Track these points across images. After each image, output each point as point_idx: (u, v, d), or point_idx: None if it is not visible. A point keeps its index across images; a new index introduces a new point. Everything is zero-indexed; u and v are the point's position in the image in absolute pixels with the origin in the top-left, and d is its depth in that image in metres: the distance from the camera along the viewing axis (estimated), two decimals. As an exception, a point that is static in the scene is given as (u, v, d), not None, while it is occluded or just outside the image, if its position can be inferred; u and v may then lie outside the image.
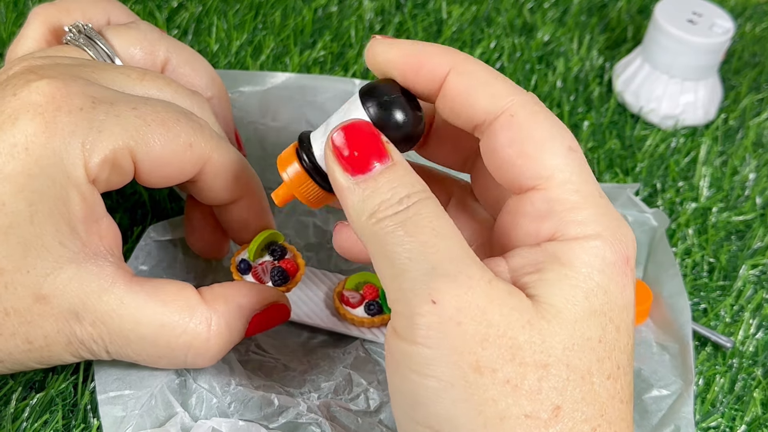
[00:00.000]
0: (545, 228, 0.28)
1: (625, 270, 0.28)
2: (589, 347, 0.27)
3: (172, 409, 0.35)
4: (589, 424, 0.26)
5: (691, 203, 0.50)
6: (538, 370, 0.26)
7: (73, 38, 0.37)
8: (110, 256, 0.33)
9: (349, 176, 0.29)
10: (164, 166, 0.34)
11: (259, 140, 0.48)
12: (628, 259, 0.28)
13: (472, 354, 0.26)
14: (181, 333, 0.33)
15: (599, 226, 0.28)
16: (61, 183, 0.31)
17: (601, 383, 0.27)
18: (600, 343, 0.27)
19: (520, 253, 0.28)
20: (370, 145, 0.29)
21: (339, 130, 0.29)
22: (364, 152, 0.29)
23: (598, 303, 0.27)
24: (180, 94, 0.36)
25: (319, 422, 0.36)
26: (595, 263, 0.27)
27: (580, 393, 0.26)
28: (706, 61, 0.53)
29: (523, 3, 0.64)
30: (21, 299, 0.32)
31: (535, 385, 0.26)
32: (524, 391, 0.26)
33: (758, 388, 0.41)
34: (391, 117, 0.30)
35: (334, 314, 0.40)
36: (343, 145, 0.29)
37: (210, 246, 0.40)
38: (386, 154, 0.29)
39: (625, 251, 0.28)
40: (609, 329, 0.27)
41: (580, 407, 0.26)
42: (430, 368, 0.26)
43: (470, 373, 0.26)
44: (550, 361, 0.26)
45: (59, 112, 0.32)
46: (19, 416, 0.35)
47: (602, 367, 0.27)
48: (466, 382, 0.26)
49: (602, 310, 0.27)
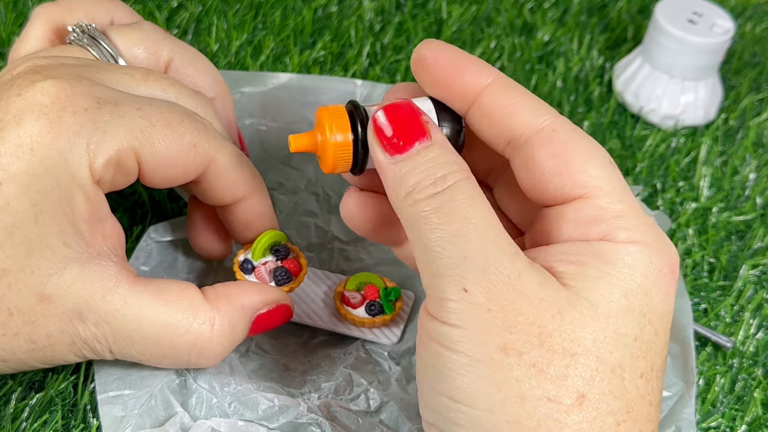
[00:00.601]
0: (593, 233, 0.29)
1: (669, 279, 0.29)
2: (623, 343, 0.27)
3: (171, 409, 0.35)
4: (614, 417, 0.27)
5: (691, 203, 0.50)
6: (565, 357, 0.26)
7: (77, 38, 0.37)
8: (114, 256, 0.33)
9: (388, 155, 0.29)
10: (168, 166, 0.34)
11: (260, 141, 0.48)
12: (672, 269, 0.29)
13: (500, 337, 0.26)
14: (185, 333, 0.33)
15: (646, 235, 0.29)
16: (66, 183, 0.32)
17: (632, 380, 0.27)
18: (636, 341, 0.27)
19: (565, 244, 0.29)
20: (410, 124, 0.29)
21: (381, 109, 0.30)
22: (404, 131, 0.29)
23: (638, 303, 0.28)
24: (183, 94, 0.36)
25: (319, 422, 0.36)
26: (639, 266, 0.28)
27: (608, 385, 0.27)
28: (707, 61, 0.53)
29: (523, 3, 0.64)
30: (25, 299, 0.32)
31: (561, 371, 0.26)
32: (549, 375, 0.26)
33: (758, 388, 0.41)
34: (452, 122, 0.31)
35: (334, 314, 0.40)
36: (385, 124, 0.30)
37: (213, 246, 0.40)
38: (426, 134, 0.29)
39: (671, 261, 0.29)
40: (647, 330, 0.28)
41: (606, 399, 0.27)
42: (459, 344, 0.27)
43: (496, 353, 0.26)
44: (578, 351, 0.27)
45: (64, 112, 0.32)
46: (19, 416, 0.35)
47: (635, 365, 0.27)
48: (491, 360, 0.26)
49: (641, 311, 0.28)
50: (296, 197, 0.46)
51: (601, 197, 0.29)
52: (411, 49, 0.58)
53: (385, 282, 0.41)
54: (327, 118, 0.31)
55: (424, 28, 0.60)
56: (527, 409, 0.26)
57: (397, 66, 0.56)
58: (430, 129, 0.30)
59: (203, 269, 0.42)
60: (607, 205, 0.29)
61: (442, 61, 0.31)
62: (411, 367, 0.39)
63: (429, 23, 0.61)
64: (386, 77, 0.56)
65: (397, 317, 0.41)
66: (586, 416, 0.26)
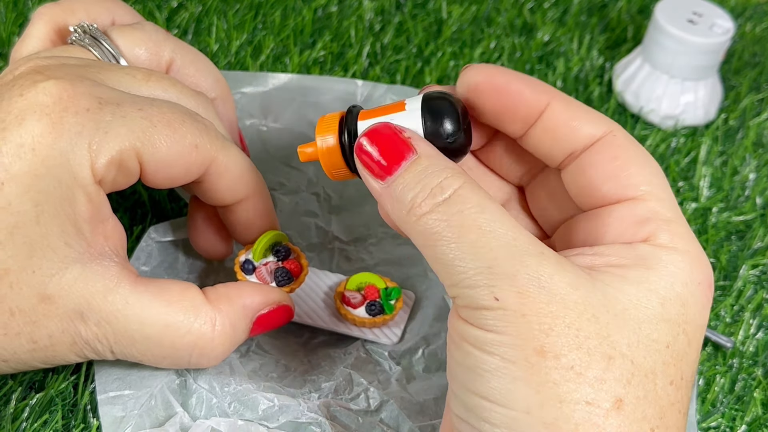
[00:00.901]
0: (642, 231, 0.29)
1: (707, 293, 0.29)
2: (655, 349, 0.27)
3: (171, 409, 0.35)
4: (648, 423, 0.26)
5: (691, 203, 0.50)
6: (603, 360, 0.26)
7: (78, 38, 0.37)
8: (115, 256, 0.33)
9: (380, 180, 0.29)
10: (170, 167, 0.34)
11: (261, 141, 0.48)
12: (710, 283, 0.29)
13: (537, 340, 0.26)
14: (186, 333, 0.34)
15: (690, 246, 0.29)
16: (68, 183, 0.32)
17: (663, 387, 0.27)
18: (668, 349, 0.27)
19: (608, 247, 0.29)
20: (393, 144, 0.29)
21: (363, 137, 0.30)
22: (388, 153, 0.29)
23: (674, 312, 0.28)
24: (185, 94, 0.36)
25: (319, 422, 0.36)
26: (679, 276, 0.28)
27: (642, 391, 0.27)
28: (706, 61, 0.53)
29: (523, 3, 0.64)
30: (26, 299, 0.32)
31: (599, 374, 0.26)
32: (588, 378, 0.26)
33: (758, 388, 0.41)
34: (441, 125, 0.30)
35: (335, 314, 0.40)
36: (370, 150, 0.29)
37: (214, 246, 0.40)
38: (410, 149, 0.29)
39: (709, 275, 0.29)
40: (680, 339, 0.28)
41: (641, 405, 0.26)
42: (494, 347, 0.26)
43: (533, 356, 0.26)
44: (614, 354, 0.26)
45: (66, 112, 0.32)
46: (19, 416, 0.35)
47: (666, 371, 0.27)
48: (528, 363, 0.26)
49: (677, 321, 0.28)
50: (297, 197, 0.46)
51: (654, 201, 0.29)
52: (411, 49, 0.58)
53: (386, 282, 0.41)
54: (319, 126, 0.32)
55: (424, 28, 0.60)
56: (565, 412, 0.26)
57: (397, 66, 0.56)
58: (414, 143, 0.29)
59: (204, 269, 0.42)
60: (659, 209, 0.29)
61: (500, 86, 0.30)
62: (411, 367, 0.39)
63: (429, 23, 0.61)
64: (386, 77, 0.56)
65: (398, 317, 0.41)
66: (623, 421, 0.26)
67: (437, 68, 0.56)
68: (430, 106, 0.30)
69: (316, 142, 0.32)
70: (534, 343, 0.26)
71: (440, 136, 0.30)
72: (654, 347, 0.27)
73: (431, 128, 0.30)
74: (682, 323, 0.28)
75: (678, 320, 0.28)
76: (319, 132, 0.32)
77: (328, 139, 0.31)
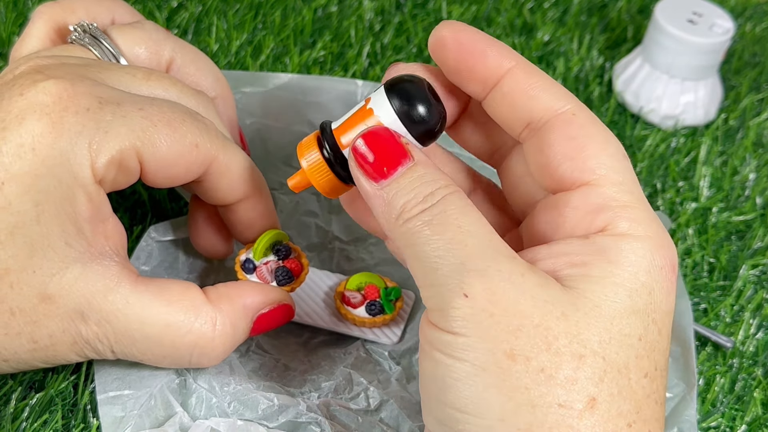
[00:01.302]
0: (598, 221, 0.28)
1: (671, 277, 0.28)
2: (628, 343, 0.27)
3: (171, 409, 0.35)
4: (624, 419, 0.26)
5: (691, 203, 0.50)
6: (573, 360, 0.26)
7: (78, 38, 0.37)
8: (116, 256, 0.33)
9: (373, 183, 0.29)
10: (170, 166, 0.34)
11: (261, 141, 0.48)
12: (673, 266, 0.29)
13: (506, 342, 0.26)
14: (186, 332, 0.34)
15: (649, 230, 0.28)
16: (68, 183, 0.32)
17: (637, 380, 0.27)
18: (640, 341, 0.27)
19: (566, 243, 0.29)
20: (391, 148, 0.29)
21: (360, 138, 0.30)
22: (384, 157, 0.29)
23: (642, 303, 0.27)
24: (185, 93, 0.36)
25: (318, 421, 0.36)
26: (642, 264, 0.28)
27: (616, 387, 0.26)
28: (706, 61, 0.53)
29: (523, 3, 0.64)
30: (27, 299, 0.32)
31: (570, 375, 0.26)
32: (559, 380, 0.26)
33: (758, 388, 0.41)
34: (414, 111, 0.30)
35: (335, 314, 0.40)
36: (365, 152, 0.29)
37: (214, 246, 0.40)
38: (407, 155, 0.29)
39: (672, 258, 0.29)
40: (651, 329, 0.28)
41: (616, 401, 0.26)
42: (464, 353, 0.26)
43: (504, 360, 0.26)
44: (585, 353, 0.26)
45: (66, 112, 0.32)
46: (19, 416, 0.35)
47: (640, 365, 0.27)
48: (499, 368, 0.26)
49: (645, 311, 0.27)
50: (297, 197, 0.46)
51: (609, 186, 0.29)
52: (411, 49, 0.58)
53: (386, 282, 0.41)
54: (299, 151, 0.32)
55: (424, 28, 0.60)
56: (539, 416, 0.26)
57: (397, 66, 0.56)
58: (411, 150, 0.29)
59: (204, 269, 0.42)
60: (615, 195, 0.29)
61: (464, 43, 0.30)
62: (411, 367, 0.39)
63: (429, 23, 0.61)
64: (386, 77, 0.56)
65: (398, 317, 0.41)
66: (598, 420, 0.26)
67: (437, 68, 0.56)
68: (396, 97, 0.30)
69: (302, 166, 0.32)
70: (503, 346, 0.26)
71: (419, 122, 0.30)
72: (626, 342, 0.27)
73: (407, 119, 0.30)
74: (651, 312, 0.28)
75: (646, 310, 0.27)
76: (301, 155, 0.32)
77: (311, 157, 0.32)
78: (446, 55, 0.31)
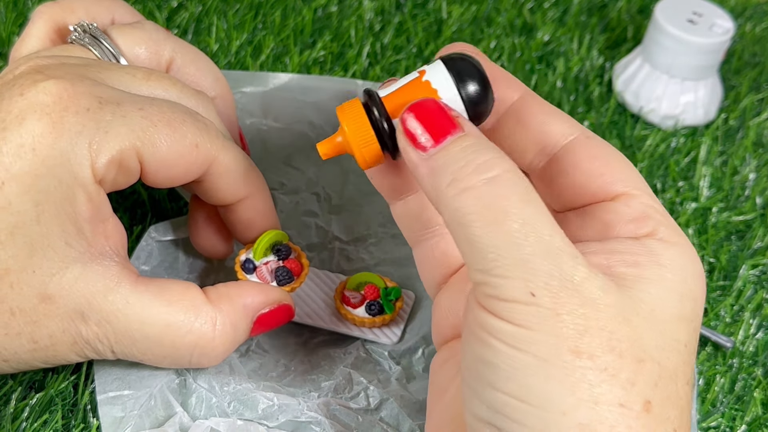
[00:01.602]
0: (644, 227, 0.29)
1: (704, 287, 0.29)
2: (677, 350, 0.27)
3: (171, 409, 0.35)
4: (671, 424, 0.27)
5: (691, 203, 0.50)
6: (634, 363, 0.26)
7: (78, 37, 0.37)
8: (116, 256, 0.33)
9: (421, 152, 0.28)
10: (170, 166, 0.34)
11: (261, 141, 0.48)
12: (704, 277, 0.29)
13: (572, 340, 0.26)
14: (187, 333, 0.34)
15: (684, 240, 0.29)
16: (68, 183, 0.32)
17: (682, 387, 0.27)
18: (686, 348, 0.27)
19: (618, 242, 0.29)
20: (440, 120, 0.29)
21: (408, 111, 0.29)
22: (434, 127, 0.29)
23: (689, 309, 0.28)
24: (185, 93, 0.36)
25: (318, 421, 0.36)
26: (689, 270, 0.28)
27: (666, 392, 0.27)
28: (706, 61, 0.53)
29: (523, 3, 0.64)
30: (27, 299, 0.32)
31: (631, 377, 0.26)
32: (621, 380, 0.26)
33: (758, 388, 0.41)
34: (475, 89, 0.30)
35: (335, 314, 0.40)
36: (415, 124, 0.29)
37: (214, 245, 0.40)
38: (457, 126, 0.29)
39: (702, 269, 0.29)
40: (693, 336, 0.28)
41: (666, 406, 0.27)
42: (527, 345, 0.26)
43: (567, 355, 0.26)
44: (645, 357, 0.26)
45: (66, 112, 0.32)
46: (19, 416, 0.35)
47: (685, 371, 0.27)
48: (563, 362, 0.26)
49: (691, 317, 0.28)
50: (297, 197, 0.46)
51: (644, 197, 0.29)
52: (411, 49, 0.58)
53: (386, 282, 0.41)
54: (340, 114, 0.31)
55: (424, 28, 0.60)
56: (600, 413, 0.26)
57: (397, 66, 0.56)
58: (462, 123, 0.29)
59: (204, 268, 0.42)
60: (653, 204, 0.29)
61: None
62: (411, 367, 0.39)
63: (429, 23, 0.61)
64: (386, 77, 0.56)
65: (397, 317, 0.41)
66: (651, 422, 0.26)
67: (437, 68, 0.56)
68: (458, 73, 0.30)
69: (344, 128, 0.31)
70: (569, 343, 0.26)
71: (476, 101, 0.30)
72: (676, 347, 0.27)
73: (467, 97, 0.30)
74: (695, 319, 0.28)
75: (692, 317, 0.28)
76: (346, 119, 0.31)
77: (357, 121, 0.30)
78: None
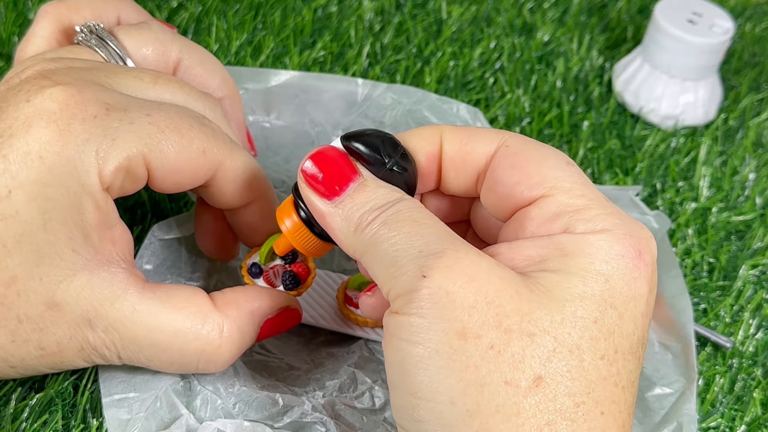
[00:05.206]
0: (556, 226, 0.29)
1: (636, 263, 0.29)
2: (581, 325, 0.27)
3: (177, 411, 0.35)
4: (572, 398, 0.26)
5: (691, 203, 0.50)
6: (523, 338, 0.26)
7: (85, 39, 0.37)
8: (123, 262, 0.33)
9: (326, 201, 0.30)
10: (178, 172, 0.34)
11: (263, 138, 0.48)
12: (640, 253, 0.29)
13: (459, 321, 0.26)
14: (194, 339, 0.33)
15: (606, 223, 0.29)
16: (75, 191, 0.31)
17: (591, 361, 0.27)
18: (595, 324, 0.27)
19: (525, 241, 0.29)
20: (340, 166, 0.30)
21: (308, 159, 0.31)
22: (335, 175, 0.30)
23: (598, 289, 0.28)
24: (192, 97, 0.36)
25: (324, 421, 0.36)
26: (598, 254, 0.28)
27: (565, 366, 0.27)
28: (706, 61, 0.54)
29: (523, 3, 0.64)
30: (34, 306, 0.32)
31: (518, 352, 0.26)
32: (507, 357, 0.26)
33: (758, 389, 0.41)
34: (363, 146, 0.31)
35: (337, 314, 0.41)
36: (315, 172, 0.31)
37: (220, 248, 0.40)
38: (356, 171, 0.30)
39: (638, 245, 0.29)
40: (609, 313, 0.28)
41: (564, 380, 0.27)
42: (419, 336, 0.27)
43: (455, 340, 0.26)
44: (536, 331, 0.27)
45: (73, 119, 0.31)
46: (19, 416, 0.35)
47: (596, 346, 0.27)
48: (450, 349, 0.26)
49: (602, 296, 0.28)
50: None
51: (559, 195, 0.30)
52: (411, 49, 0.58)
53: (388, 282, 0.41)
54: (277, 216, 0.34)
55: (424, 28, 0.60)
56: (486, 396, 0.26)
57: (396, 66, 0.56)
58: (359, 167, 0.31)
59: (207, 267, 0.42)
60: (567, 201, 0.29)
61: None
62: (413, 368, 0.39)
63: (429, 23, 0.61)
64: (386, 77, 0.56)
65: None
66: (542, 398, 0.26)
67: (437, 68, 0.56)
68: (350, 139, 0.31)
69: (282, 231, 0.34)
70: (456, 325, 0.26)
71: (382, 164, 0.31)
72: (580, 323, 0.27)
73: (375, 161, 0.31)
74: (608, 298, 0.28)
75: (603, 296, 0.28)
76: (280, 221, 0.33)
77: (287, 221, 0.33)
78: None
